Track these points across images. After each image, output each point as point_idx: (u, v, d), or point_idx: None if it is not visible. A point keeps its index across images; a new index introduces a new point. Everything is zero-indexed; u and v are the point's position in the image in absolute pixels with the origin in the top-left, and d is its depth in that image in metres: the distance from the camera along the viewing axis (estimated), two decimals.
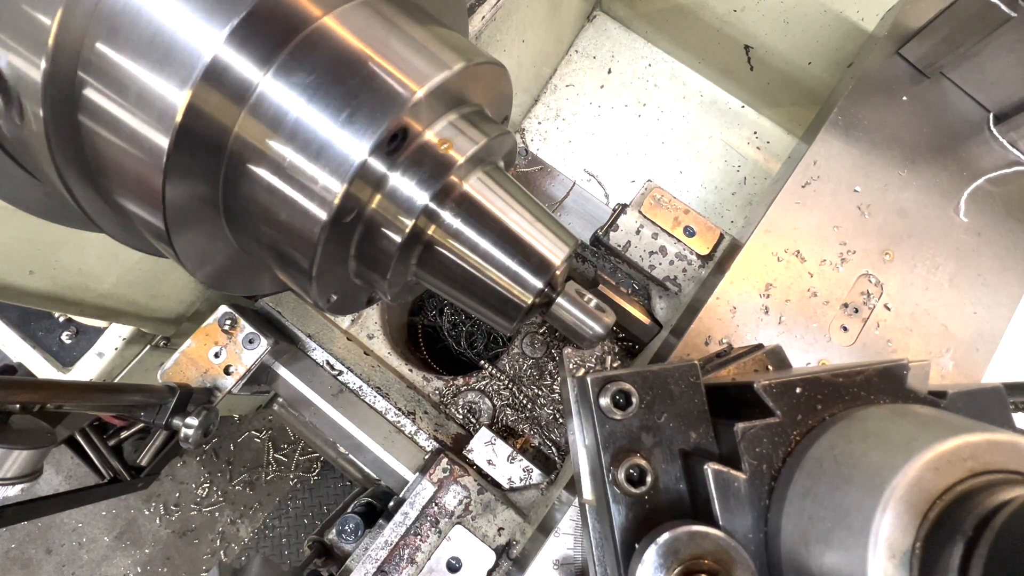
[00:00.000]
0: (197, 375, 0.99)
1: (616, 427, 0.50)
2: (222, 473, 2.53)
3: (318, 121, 0.47)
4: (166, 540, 2.64)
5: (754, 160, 1.75)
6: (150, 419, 0.87)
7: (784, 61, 1.55)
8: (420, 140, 0.52)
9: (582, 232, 1.13)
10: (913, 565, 0.34)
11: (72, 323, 1.21)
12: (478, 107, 0.59)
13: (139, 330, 1.20)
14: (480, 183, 0.57)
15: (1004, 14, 0.92)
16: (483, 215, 0.56)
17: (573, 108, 1.76)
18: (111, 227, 0.58)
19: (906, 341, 0.96)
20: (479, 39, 1.16)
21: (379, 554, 0.93)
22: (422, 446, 1.11)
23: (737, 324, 0.93)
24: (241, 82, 0.46)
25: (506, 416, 1.20)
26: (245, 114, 0.47)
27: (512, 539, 0.97)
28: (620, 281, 1.12)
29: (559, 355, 1.26)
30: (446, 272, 0.58)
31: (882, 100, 1.06)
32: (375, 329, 1.20)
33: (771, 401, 0.47)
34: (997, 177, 1.03)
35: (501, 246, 0.56)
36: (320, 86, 0.47)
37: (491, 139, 0.57)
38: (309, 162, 0.48)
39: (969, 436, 0.36)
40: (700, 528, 0.42)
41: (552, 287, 0.58)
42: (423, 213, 0.54)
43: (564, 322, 0.59)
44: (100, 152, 0.48)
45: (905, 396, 0.48)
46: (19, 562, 2.63)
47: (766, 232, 0.97)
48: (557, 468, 1.11)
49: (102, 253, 1.00)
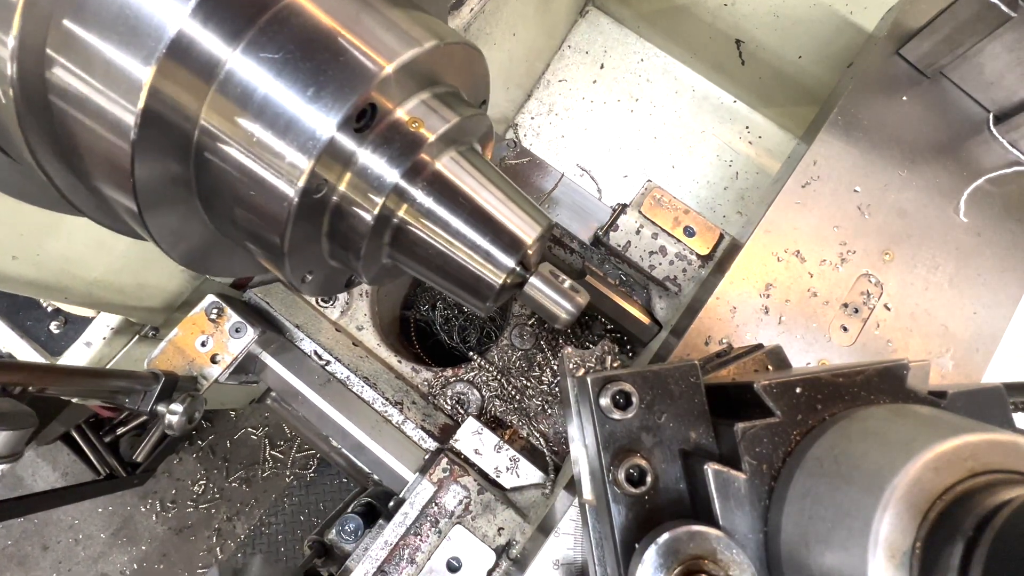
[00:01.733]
0: (184, 364, 0.99)
1: (616, 427, 0.50)
2: (218, 470, 2.53)
3: (286, 97, 0.47)
4: (162, 537, 2.64)
5: (746, 155, 1.75)
6: (134, 405, 0.88)
7: (774, 55, 1.56)
8: (390, 118, 0.52)
9: (571, 225, 1.13)
10: (913, 565, 0.34)
11: (61, 313, 1.20)
12: (452, 88, 0.59)
13: (127, 320, 1.19)
14: (453, 163, 0.57)
15: (1004, 14, 0.92)
16: (455, 194, 0.56)
17: (566, 103, 1.77)
18: (89, 208, 0.58)
19: (906, 341, 0.96)
20: (468, 31, 1.16)
21: (379, 554, 0.93)
22: (409, 435, 1.10)
23: (737, 324, 0.93)
24: (208, 58, 0.46)
25: (495, 407, 1.21)
26: (214, 91, 0.47)
27: (512, 539, 0.97)
28: (623, 281, 1.12)
29: (548, 347, 1.27)
30: (419, 252, 0.58)
31: (882, 100, 1.06)
32: (364, 321, 1.20)
33: (771, 401, 0.47)
34: (997, 177, 1.03)
35: (473, 225, 0.56)
36: (289, 62, 0.47)
37: (464, 119, 0.57)
38: (277, 139, 0.48)
39: (969, 436, 0.36)
40: (700, 528, 0.42)
41: (526, 267, 0.58)
42: (393, 191, 0.54)
43: (537, 302, 0.59)
44: (71, 131, 0.48)
45: (905, 396, 0.48)
46: (16, 559, 2.62)
47: (766, 232, 0.97)
48: (545, 457, 1.11)
49: (87, 240, 1.00)
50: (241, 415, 2.59)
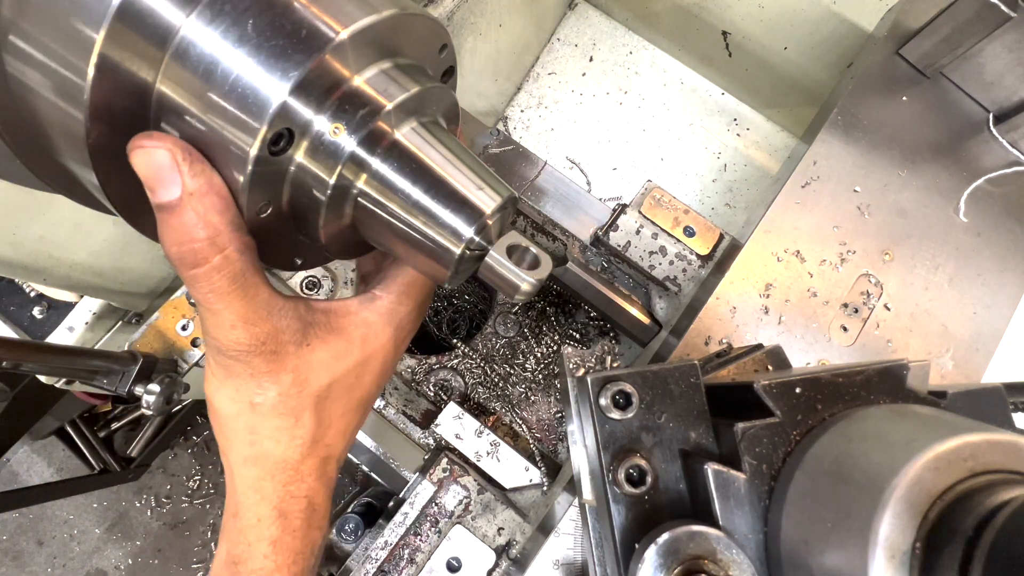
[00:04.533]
0: (164, 347, 1.00)
1: (616, 427, 0.50)
2: (213, 465, 2.53)
3: (239, 64, 0.47)
4: (157, 532, 2.64)
5: (734, 147, 1.76)
6: (112, 386, 0.88)
7: (760, 46, 1.56)
8: (347, 86, 0.52)
9: (553, 213, 1.12)
10: (913, 565, 0.34)
11: (44, 298, 1.21)
12: (414, 61, 0.58)
13: (110, 305, 1.19)
14: (413, 133, 0.56)
15: (1004, 14, 0.92)
16: (413, 164, 0.55)
17: (555, 96, 1.77)
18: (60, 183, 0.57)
19: (906, 341, 0.96)
20: (452, 20, 1.15)
21: (379, 554, 0.93)
22: (390, 420, 1.10)
23: (737, 324, 0.93)
24: (162, 24, 0.45)
25: (478, 394, 1.22)
26: (168, 58, 0.46)
27: (512, 539, 0.96)
28: (623, 281, 1.12)
29: (532, 335, 1.28)
30: (379, 223, 0.57)
31: (882, 100, 1.06)
32: None
33: (771, 401, 0.47)
34: (997, 177, 1.03)
35: (432, 195, 0.55)
36: (241, 28, 0.46)
37: (424, 89, 0.56)
38: (229, 105, 0.47)
39: (969, 436, 0.36)
40: (700, 528, 0.42)
41: (487, 239, 0.57)
42: (350, 160, 0.53)
43: (496, 272, 0.58)
44: (26, 100, 0.48)
45: (905, 396, 0.48)
46: (11, 554, 2.62)
47: (766, 232, 0.97)
48: (527, 443, 1.12)
49: (65, 222, 1.00)
50: None
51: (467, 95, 1.47)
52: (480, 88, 1.53)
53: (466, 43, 1.29)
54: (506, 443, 1.04)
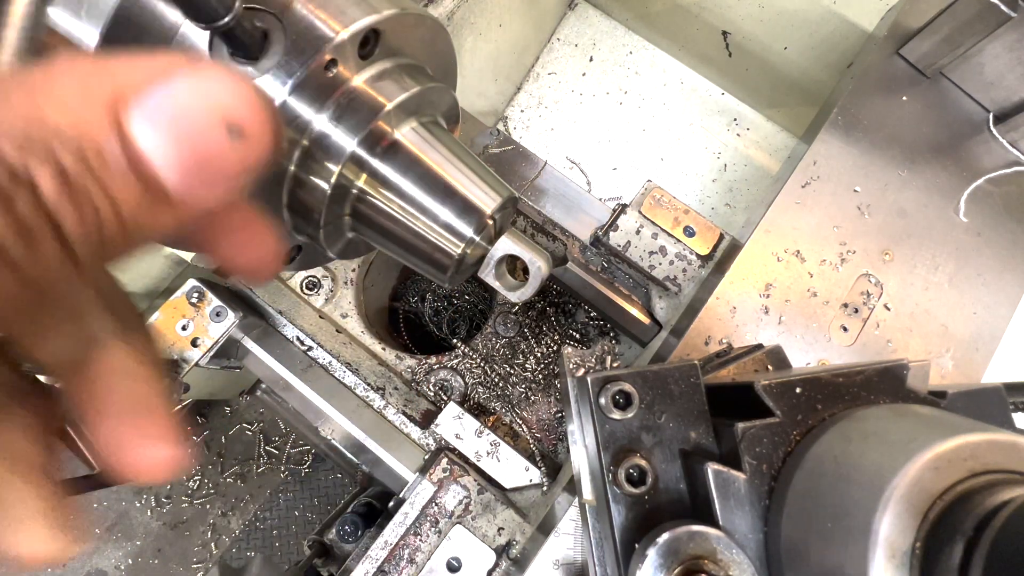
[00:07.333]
0: (164, 347, 1.00)
1: (616, 427, 0.50)
2: (213, 466, 2.53)
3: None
4: (157, 532, 2.63)
5: (734, 147, 1.77)
6: None
7: (760, 46, 1.56)
8: (347, 85, 0.52)
9: (553, 213, 1.12)
10: (913, 565, 0.34)
11: None
12: (414, 61, 0.59)
13: None
14: (413, 133, 0.57)
15: (1004, 14, 0.92)
16: (414, 164, 0.56)
17: (555, 96, 1.78)
18: None
19: (906, 341, 0.96)
20: (452, 20, 1.15)
21: (379, 554, 0.93)
22: (390, 421, 1.10)
23: (737, 324, 0.93)
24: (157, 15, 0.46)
25: (478, 394, 1.22)
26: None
27: (512, 539, 0.96)
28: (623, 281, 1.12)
29: (532, 335, 1.28)
30: (379, 223, 0.58)
31: (882, 100, 1.06)
32: (349, 309, 1.20)
33: (771, 401, 0.47)
34: (997, 177, 1.03)
35: (432, 194, 0.56)
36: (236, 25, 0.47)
37: (424, 88, 0.56)
38: None
39: (969, 436, 0.36)
40: (700, 528, 0.42)
41: (487, 239, 0.57)
42: (351, 160, 0.53)
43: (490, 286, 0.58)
44: None
45: (905, 396, 0.48)
46: None
47: (766, 232, 0.97)
48: (527, 443, 1.12)
49: None
50: (236, 411, 2.59)
51: (467, 95, 1.47)
52: (480, 88, 1.53)
53: (466, 43, 1.29)
54: (506, 443, 1.04)
